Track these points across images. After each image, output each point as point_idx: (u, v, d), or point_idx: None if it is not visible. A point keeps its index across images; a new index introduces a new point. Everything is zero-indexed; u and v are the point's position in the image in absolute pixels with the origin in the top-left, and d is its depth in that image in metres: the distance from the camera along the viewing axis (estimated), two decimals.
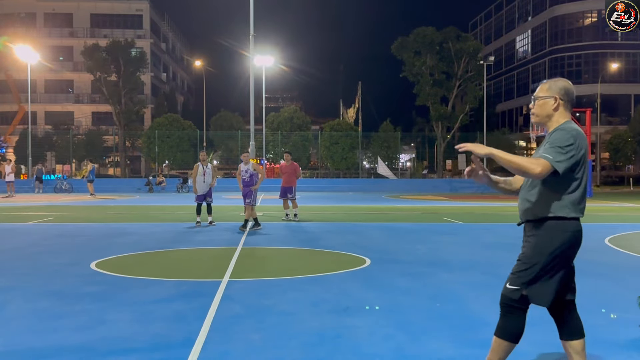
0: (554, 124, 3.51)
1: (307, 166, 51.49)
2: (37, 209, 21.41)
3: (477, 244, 11.29)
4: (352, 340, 4.82)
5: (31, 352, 4.46)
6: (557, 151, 3.28)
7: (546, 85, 3.59)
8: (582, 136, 3.38)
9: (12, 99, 62.74)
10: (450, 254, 9.87)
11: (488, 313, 5.72)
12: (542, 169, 3.23)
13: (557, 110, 3.52)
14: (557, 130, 3.41)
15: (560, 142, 3.31)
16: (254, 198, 13.91)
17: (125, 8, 66.60)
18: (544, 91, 3.57)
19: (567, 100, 3.54)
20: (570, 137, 3.32)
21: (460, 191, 40.96)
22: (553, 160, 3.26)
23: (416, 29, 49.48)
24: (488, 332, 5.08)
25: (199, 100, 73.82)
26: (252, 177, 14.03)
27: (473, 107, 52.68)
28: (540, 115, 3.58)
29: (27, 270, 8.10)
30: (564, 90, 3.54)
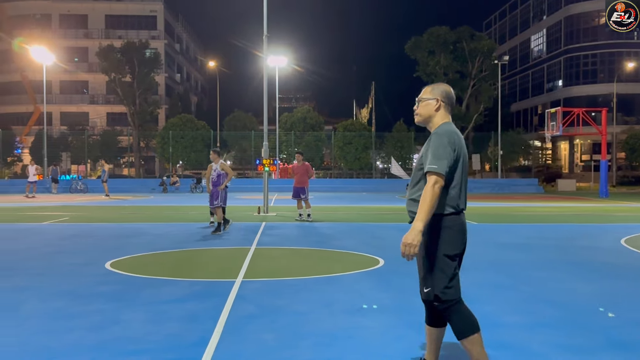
0: (435, 124, 3.80)
1: (321, 166, 51.52)
2: (53, 209, 21.58)
3: (492, 244, 11.22)
4: (364, 340, 4.81)
5: (46, 352, 4.49)
6: (438, 158, 3.54)
7: (429, 88, 3.88)
8: (457, 136, 3.67)
9: (28, 99, 63.42)
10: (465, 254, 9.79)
11: (502, 314, 5.68)
12: (438, 184, 3.51)
13: (438, 111, 3.80)
14: (434, 135, 3.66)
15: (439, 148, 3.56)
16: (223, 198, 13.32)
17: (140, 9, 67.04)
18: (427, 93, 3.85)
19: (447, 102, 3.81)
20: (446, 140, 3.58)
21: (474, 191, 40.77)
22: (439, 169, 3.52)
23: (430, 29, 49.35)
24: (503, 333, 5.04)
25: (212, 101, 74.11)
26: (220, 176, 13.43)
27: (487, 107, 52.35)
28: (423, 115, 3.85)
29: (42, 270, 8.16)
30: (445, 93, 3.82)
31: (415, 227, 3.48)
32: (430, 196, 3.48)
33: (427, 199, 3.48)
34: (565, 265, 8.69)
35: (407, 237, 3.49)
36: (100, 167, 52.82)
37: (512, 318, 5.56)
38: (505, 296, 6.53)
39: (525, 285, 7.20)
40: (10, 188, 38.03)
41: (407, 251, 3.50)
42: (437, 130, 3.67)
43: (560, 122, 43.80)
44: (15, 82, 65.64)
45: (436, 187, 3.49)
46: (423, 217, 3.48)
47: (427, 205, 3.48)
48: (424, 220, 3.49)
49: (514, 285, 7.20)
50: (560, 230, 14.15)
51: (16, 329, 5.13)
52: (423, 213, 3.49)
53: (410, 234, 3.48)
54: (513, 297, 6.51)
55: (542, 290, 6.91)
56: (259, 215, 18.12)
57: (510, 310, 5.86)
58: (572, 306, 6.05)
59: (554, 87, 63.21)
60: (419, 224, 3.48)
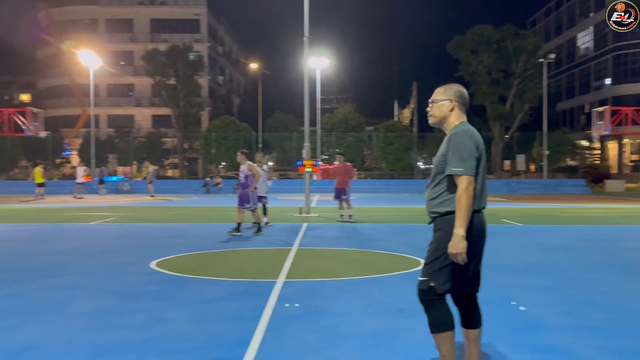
0: (450, 125, 3.77)
1: (362, 167, 51.37)
2: (100, 209, 22.09)
3: (536, 246, 11.02)
4: (407, 342, 4.78)
5: (93, 349, 4.60)
6: (463, 159, 3.51)
7: (442, 89, 3.84)
8: (476, 135, 3.65)
9: (76, 103, 65.03)
10: (508, 256, 9.67)
11: (547, 316, 5.58)
12: (470, 185, 3.50)
13: (452, 112, 3.78)
14: (455, 135, 3.62)
15: (462, 149, 3.54)
16: (254, 201, 13.00)
17: (184, 13, 68.05)
18: (440, 94, 3.82)
19: (461, 102, 3.79)
20: (468, 140, 3.57)
21: (518, 192, 40.08)
22: (466, 171, 3.50)
23: (472, 27, 48.68)
24: (548, 336, 4.96)
25: (254, 102, 74.66)
26: (248, 178, 13.03)
27: (532, 106, 51.34)
28: (437, 116, 3.83)
29: (89, 269, 8.36)
30: (458, 93, 3.79)
31: (457, 234, 3.48)
32: (465, 199, 3.48)
33: (463, 203, 3.48)
34: (612, 268, 8.47)
35: (452, 246, 3.50)
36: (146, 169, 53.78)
37: (558, 321, 5.46)
38: (550, 299, 6.41)
39: (570, 288, 7.05)
40: (59, 189, 39.04)
41: (457, 260, 3.52)
42: (457, 130, 3.64)
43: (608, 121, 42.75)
44: (63, 85, 67.40)
45: (470, 189, 3.49)
46: (462, 222, 3.48)
47: (464, 210, 3.48)
48: (464, 226, 3.48)
49: (560, 288, 7.06)
50: (608, 232, 13.80)
51: (65, 326, 5.28)
52: (461, 219, 3.48)
53: (454, 243, 3.49)
54: (558, 300, 6.39)
55: (588, 293, 6.76)
56: (300, 216, 18.19)
57: (556, 313, 5.75)
58: (619, 309, 5.90)
59: (602, 85, 61.65)
60: (459, 230, 3.48)
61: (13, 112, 32.98)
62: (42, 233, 13.35)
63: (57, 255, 9.82)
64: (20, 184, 43.20)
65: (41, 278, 7.64)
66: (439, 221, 3.71)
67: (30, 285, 7.13)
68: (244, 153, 13.35)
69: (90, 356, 4.43)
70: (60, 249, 10.52)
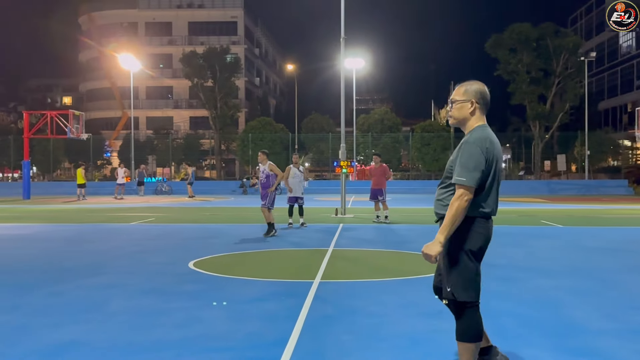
0: (470, 127, 3.67)
1: (398, 168, 51.13)
2: (140, 210, 22.45)
3: (578, 249, 10.80)
4: (444, 344, 4.73)
5: (132, 347, 4.67)
6: (468, 169, 3.44)
7: (462, 88, 3.71)
8: (490, 142, 3.54)
9: (117, 105, 66.29)
10: (548, 258, 9.50)
11: (590, 320, 5.46)
12: (465, 197, 3.42)
13: (473, 114, 3.67)
14: (465, 144, 3.54)
15: (469, 159, 3.46)
16: (270, 200, 13.06)
17: (221, 15, 68.73)
18: (460, 95, 3.70)
19: (482, 103, 3.68)
20: (477, 150, 3.47)
21: (559, 193, 39.37)
22: (467, 181, 3.43)
23: (511, 26, 47.96)
24: (590, 339, 4.85)
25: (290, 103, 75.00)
26: (269, 178, 13.13)
27: (573, 106, 50.36)
28: (457, 118, 3.72)
29: (129, 269, 8.50)
30: (480, 93, 3.67)
31: (436, 239, 3.47)
32: (456, 209, 3.43)
33: (453, 212, 3.43)
34: None
35: (427, 247, 3.49)
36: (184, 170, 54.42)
37: (599, 324, 5.34)
38: (591, 302, 6.28)
39: (612, 290, 6.89)
40: (100, 190, 39.85)
41: (427, 260, 3.50)
42: (469, 139, 3.56)
43: None
44: (104, 88, 68.79)
45: (463, 200, 3.43)
46: (445, 230, 3.45)
47: (451, 218, 3.43)
48: (446, 233, 3.45)
49: (601, 290, 6.90)
50: None
51: (104, 324, 5.37)
52: (447, 226, 3.44)
53: (432, 246, 3.47)
54: (600, 302, 6.25)
55: (630, 296, 6.60)
56: (336, 216, 18.19)
57: (598, 317, 5.62)
58: None
59: None
60: (440, 236, 3.45)
61: (56, 114, 33.71)
62: (83, 233, 13.63)
63: (97, 255, 10.01)
64: (62, 185, 44.28)
65: (81, 277, 7.79)
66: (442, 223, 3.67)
67: (71, 285, 7.28)
68: (265, 153, 13.46)
69: (129, 354, 4.49)
70: (100, 249, 10.72)
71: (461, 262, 3.55)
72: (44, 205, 25.98)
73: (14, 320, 5.50)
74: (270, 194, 13.00)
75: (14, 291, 6.85)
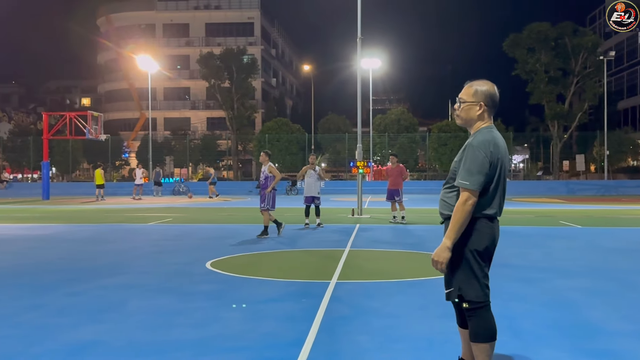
0: (476, 128, 3.65)
1: (415, 168, 50.96)
2: (157, 210, 22.60)
3: (597, 249, 10.70)
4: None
5: (150, 347, 4.71)
6: (471, 173, 3.44)
7: (472, 89, 3.66)
8: (495, 145, 3.51)
9: (135, 106, 66.79)
10: (567, 259, 9.42)
11: (608, 321, 5.41)
12: (470, 200, 3.42)
13: (481, 116, 3.64)
14: (470, 147, 3.52)
15: (473, 162, 3.45)
16: (269, 202, 12.81)
17: (238, 16, 68.97)
18: (470, 96, 3.65)
19: (491, 106, 3.65)
20: (481, 154, 3.46)
21: (578, 193, 39.00)
22: (471, 185, 3.42)
23: (529, 25, 47.62)
24: (608, 341, 4.81)
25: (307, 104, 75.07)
26: (267, 179, 12.81)
27: (592, 105, 49.87)
28: (464, 119, 3.69)
29: (147, 269, 8.57)
30: (489, 96, 3.63)
31: (443, 244, 3.46)
32: (461, 213, 3.42)
33: (458, 216, 3.43)
34: None
35: (435, 254, 3.49)
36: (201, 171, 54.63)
37: (618, 325, 5.29)
38: (610, 303, 6.22)
39: (631, 292, 6.82)
40: (118, 190, 40.17)
41: (437, 268, 3.51)
42: (473, 142, 3.54)
43: None
44: (122, 89, 69.37)
45: (468, 204, 3.42)
46: (452, 234, 3.44)
47: (457, 223, 3.43)
48: (453, 238, 3.44)
49: (620, 291, 6.83)
50: None
51: (123, 324, 5.42)
52: (452, 231, 3.44)
53: (440, 252, 3.47)
54: (619, 303, 6.19)
55: None
56: (353, 217, 18.17)
57: (617, 318, 5.57)
58: None
59: None
60: (447, 241, 3.45)
61: (75, 115, 34.06)
62: (102, 233, 13.76)
63: (116, 255, 10.10)
64: (81, 186, 44.71)
65: (100, 277, 7.86)
66: (447, 224, 3.65)
67: (89, 285, 7.35)
68: (267, 154, 13.13)
69: (147, 354, 4.53)
70: (118, 249, 10.81)
71: (468, 263, 3.53)
72: (63, 206, 26.26)
73: (34, 320, 5.57)
74: (269, 195, 12.77)
75: (34, 291, 6.93)
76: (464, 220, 3.43)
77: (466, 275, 3.54)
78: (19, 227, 15.46)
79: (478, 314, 3.58)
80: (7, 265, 8.89)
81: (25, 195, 38.46)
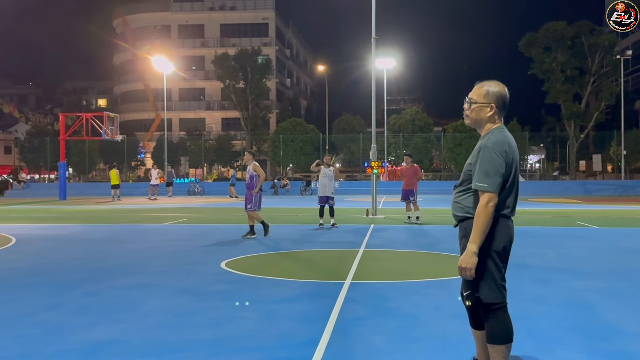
0: (486, 129, 3.65)
1: (430, 168, 50.79)
2: (173, 210, 22.72)
3: (614, 250, 10.60)
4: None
5: (166, 346, 4.73)
6: (488, 175, 3.42)
7: (483, 90, 3.64)
8: (508, 145, 3.53)
9: (150, 107, 67.20)
10: (584, 260, 9.34)
11: (626, 322, 5.36)
12: (491, 202, 3.40)
13: (491, 118, 3.64)
14: (484, 149, 3.51)
15: (489, 164, 3.44)
16: (256, 202, 12.50)
17: (252, 17, 69.20)
18: (480, 97, 3.64)
19: (501, 107, 3.64)
20: (496, 155, 3.45)
21: (594, 193, 38.66)
22: (490, 187, 3.40)
23: (545, 24, 47.29)
24: (626, 342, 4.76)
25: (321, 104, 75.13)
26: (252, 179, 12.49)
27: (609, 104, 49.43)
28: (474, 119, 3.69)
29: (163, 269, 8.61)
30: (500, 97, 3.62)
31: (469, 249, 3.43)
32: (484, 216, 3.40)
33: (481, 220, 3.40)
34: None
35: (462, 260, 3.46)
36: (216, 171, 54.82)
37: (635, 327, 5.24)
38: (627, 304, 6.16)
39: None
40: (134, 190, 40.43)
41: (465, 275, 3.47)
42: (487, 143, 3.53)
43: None
44: (138, 90, 69.82)
45: (489, 206, 3.40)
46: (477, 238, 3.41)
47: (481, 227, 3.40)
48: (478, 242, 3.41)
49: (637, 292, 6.77)
50: None
51: (140, 323, 5.45)
52: (477, 235, 3.41)
53: (466, 258, 3.44)
54: (636, 304, 6.13)
55: None
56: (367, 217, 18.15)
57: (634, 319, 5.52)
58: None
59: None
60: (473, 246, 3.42)
61: (91, 116, 34.35)
62: (118, 233, 13.85)
63: (132, 254, 10.16)
64: (97, 186, 45.07)
65: (116, 277, 7.92)
66: (461, 227, 3.66)
67: (106, 284, 7.40)
68: (251, 153, 12.95)
69: (163, 353, 4.55)
70: (135, 249, 10.88)
71: (485, 264, 3.51)
72: (79, 206, 26.48)
73: (52, 319, 5.62)
74: (255, 196, 12.48)
75: (52, 290, 7.00)
76: (487, 223, 3.41)
77: (484, 276, 3.52)
78: (36, 227, 15.61)
79: (495, 315, 3.55)
80: (25, 265, 8.98)
81: (42, 196, 38.84)
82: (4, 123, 77.12)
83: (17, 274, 8.20)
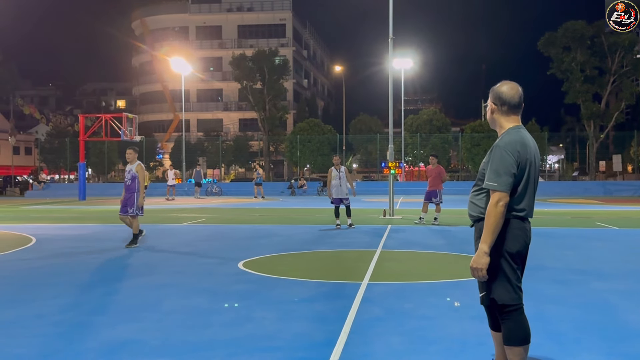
0: (501, 129, 3.66)
1: (448, 169, 50.56)
2: (190, 210, 22.85)
3: (634, 251, 10.49)
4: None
5: (185, 346, 4.77)
6: (498, 174, 3.41)
7: (492, 91, 3.69)
8: (521, 144, 3.50)
9: (168, 108, 67.64)
10: (604, 261, 9.25)
11: None
12: (501, 201, 3.38)
13: (496, 116, 3.66)
14: (495, 148, 3.52)
15: (499, 163, 3.43)
16: (137, 207, 11.18)
17: (270, 18, 69.38)
18: (489, 97, 3.70)
19: (500, 104, 3.62)
20: (506, 154, 3.44)
21: (615, 194, 38.23)
22: (500, 186, 3.39)
23: (565, 24, 46.86)
24: None
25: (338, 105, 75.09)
26: (134, 180, 11.26)
27: (629, 104, 48.86)
28: (489, 119, 3.75)
29: (181, 269, 8.67)
30: (498, 95, 3.62)
31: (480, 249, 3.43)
32: (494, 215, 3.39)
33: (492, 219, 3.40)
34: None
35: (474, 260, 3.45)
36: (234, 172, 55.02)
37: None
38: None
39: None
40: (152, 191, 40.65)
41: (477, 275, 3.46)
42: (499, 143, 3.54)
43: None
44: (157, 91, 70.33)
45: (499, 206, 3.39)
46: (488, 238, 3.40)
47: (491, 226, 3.40)
48: (489, 242, 3.41)
49: None
50: None
51: (159, 323, 5.50)
52: (488, 234, 3.40)
53: (477, 258, 3.43)
54: None
55: None
56: (384, 218, 18.12)
57: None
58: None
59: None
60: (484, 245, 3.41)
61: (110, 117, 34.68)
62: None
63: (151, 254, 10.25)
64: (116, 187, 45.36)
65: (135, 277, 7.99)
66: (477, 227, 3.66)
67: (125, 284, 7.47)
68: (135, 150, 11.69)
69: (182, 352, 4.59)
70: (153, 249, 10.97)
71: (500, 265, 3.50)
72: (99, 206, 26.73)
73: (74, 318, 5.69)
74: (137, 199, 11.15)
75: (74, 290, 7.08)
76: (497, 223, 3.39)
77: (499, 277, 3.51)
78: (56, 227, 15.79)
79: (511, 317, 3.54)
80: (46, 265, 9.09)
81: (62, 196, 39.26)
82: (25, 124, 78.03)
83: (38, 273, 8.31)
